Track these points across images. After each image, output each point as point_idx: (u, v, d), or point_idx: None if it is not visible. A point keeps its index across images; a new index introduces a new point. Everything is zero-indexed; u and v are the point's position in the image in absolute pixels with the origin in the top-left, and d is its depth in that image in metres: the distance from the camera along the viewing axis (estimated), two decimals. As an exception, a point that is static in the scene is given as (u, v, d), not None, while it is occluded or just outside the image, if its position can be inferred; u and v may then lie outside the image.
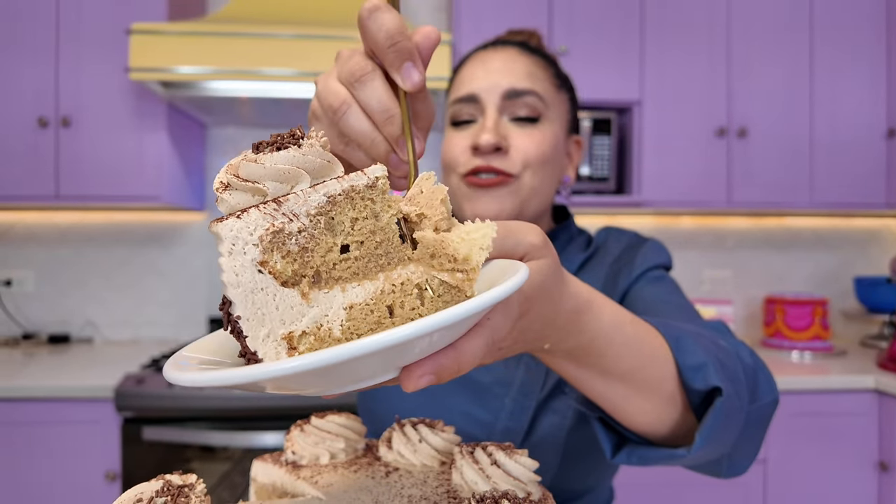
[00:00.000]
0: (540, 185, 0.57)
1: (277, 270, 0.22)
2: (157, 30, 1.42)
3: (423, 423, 0.39)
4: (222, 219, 0.22)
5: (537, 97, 0.56)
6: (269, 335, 0.22)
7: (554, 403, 0.53)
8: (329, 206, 0.24)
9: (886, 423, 1.43)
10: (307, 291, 0.23)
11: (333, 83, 0.32)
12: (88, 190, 1.59)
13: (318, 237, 0.23)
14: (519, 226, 0.28)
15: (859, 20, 1.75)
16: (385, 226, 0.25)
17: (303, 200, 0.23)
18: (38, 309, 1.90)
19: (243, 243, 0.22)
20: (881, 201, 1.76)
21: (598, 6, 1.69)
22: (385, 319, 0.25)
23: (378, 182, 0.25)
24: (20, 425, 1.31)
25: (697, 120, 1.72)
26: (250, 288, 0.22)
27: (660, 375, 0.36)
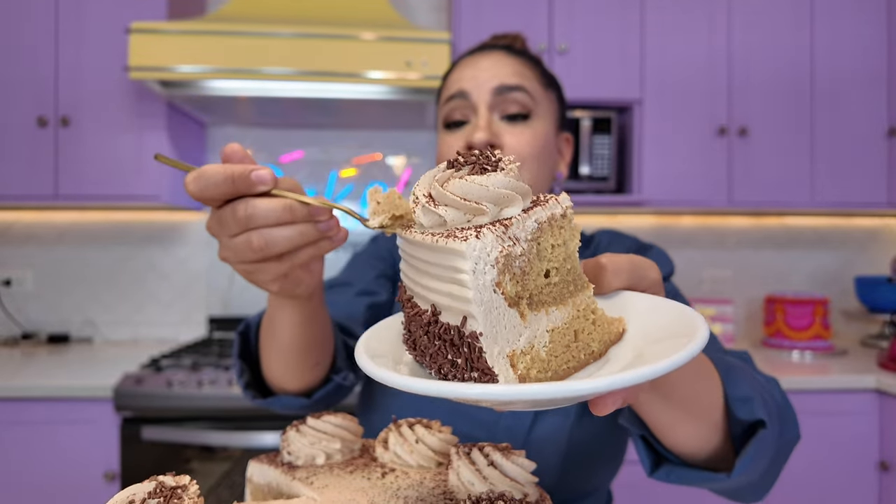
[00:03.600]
0: (533, 181, 0.58)
1: (507, 291, 0.24)
2: (157, 29, 1.42)
3: (420, 423, 0.39)
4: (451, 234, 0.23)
5: (526, 93, 0.58)
6: (500, 353, 0.23)
7: (549, 419, 0.53)
8: (539, 233, 0.25)
9: (887, 423, 1.43)
10: (525, 313, 0.24)
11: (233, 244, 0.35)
12: (88, 189, 1.59)
13: (532, 261, 0.25)
14: (643, 262, 0.31)
15: (860, 19, 1.74)
16: (572, 253, 0.27)
17: (522, 225, 0.24)
18: (38, 308, 1.90)
19: (484, 263, 0.23)
20: (882, 200, 1.76)
21: (598, 5, 1.68)
22: (572, 344, 0.26)
23: (567, 211, 0.26)
24: (19, 425, 1.31)
25: (698, 119, 1.71)
26: (489, 306, 0.23)
27: (711, 403, 0.37)
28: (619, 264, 0.31)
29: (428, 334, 0.24)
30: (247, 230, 0.34)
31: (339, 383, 0.53)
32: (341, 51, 1.44)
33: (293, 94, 1.52)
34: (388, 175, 1.97)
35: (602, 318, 0.28)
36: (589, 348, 0.27)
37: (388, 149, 1.97)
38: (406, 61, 1.45)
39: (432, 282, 0.24)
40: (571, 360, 0.27)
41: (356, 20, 1.55)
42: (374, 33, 1.45)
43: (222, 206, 0.34)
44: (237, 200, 0.34)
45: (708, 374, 0.37)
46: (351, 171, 1.97)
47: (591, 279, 0.30)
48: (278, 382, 0.52)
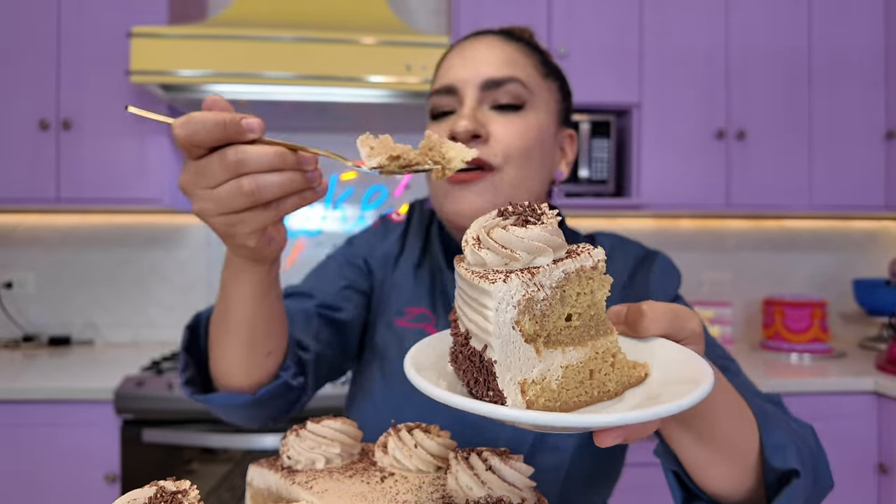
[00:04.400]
0: (524, 178, 0.53)
1: (525, 329, 0.27)
2: (158, 33, 1.42)
3: (419, 427, 0.39)
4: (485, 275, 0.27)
5: (520, 84, 0.53)
6: (511, 379, 0.27)
7: (552, 440, 0.51)
8: (564, 281, 0.29)
9: (886, 426, 1.43)
10: (541, 349, 0.28)
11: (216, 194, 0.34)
12: (89, 193, 1.60)
13: (553, 306, 0.28)
14: (684, 312, 0.32)
15: (858, 23, 1.75)
16: (598, 302, 0.30)
17: (548, 274, 0.28)
18: (39, 311, 1.90)
19: (506, 304, 0.27)
20: (880, 203, 1.76)
21: (597, 10, 1.69)
22: (586, 381, 0.30)
23: (599, 264, 0.29)
24: (20, 427, 1.32)
25: (696, 122, 1.72)
26: (506, 340, 0.27)
27: (747, 447, 0.38)
28: (659, 313, 0.32)
29: (462, 354, 0.29)
30: (237, 176, 0.33)
31: (287, 381, 0.50)
32: (341, 55, 1.45)
33: (293, 98, 1.52)
34: (388, 178, 1.98)
35: (622, 361, 0.31)
36: (605, 387, 0.30)
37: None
38: (406, 65, 1.46)
39: (468, 310, 0.28)
40: (584, 395, 0.30)
41: (356, 24, 1.56)
42: (374, 37, 1.45)
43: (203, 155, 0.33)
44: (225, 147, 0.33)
45: (745, 417, 0.38)
46: (351, 174, 1.97)
47: (630, 324, 0.32)
48: (225, 376, 0.48)
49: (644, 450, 1.31)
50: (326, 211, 1.97)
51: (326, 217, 1.97)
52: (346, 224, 1.98)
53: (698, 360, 0.30)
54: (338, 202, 1.97)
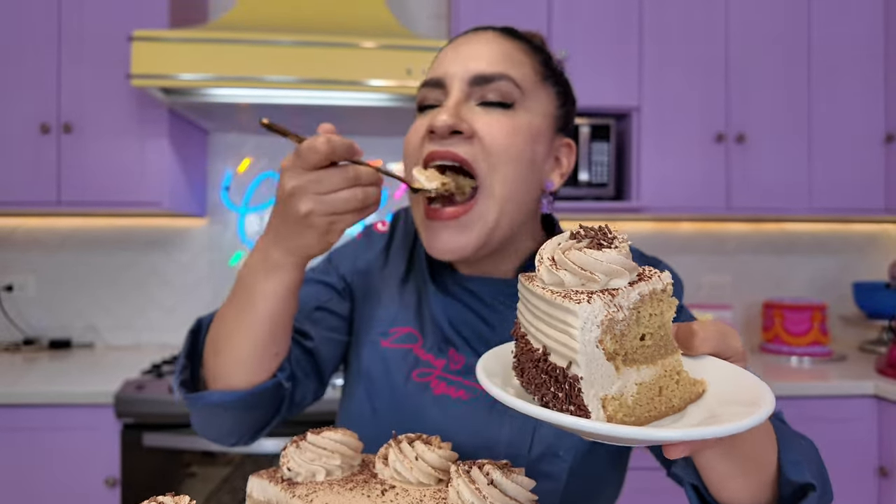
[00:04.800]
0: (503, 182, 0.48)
1: (607, 348, 0.29)
2: (159, 37, 1.42)
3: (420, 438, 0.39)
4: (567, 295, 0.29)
5: (511, 82, 0.49)
6: (595, 395, 0.29)
7: (544, 468, 0.50)
8: (640, 303, 0.30)
9: (886, 429, 1.43)
10: (620, 366, 0.30)
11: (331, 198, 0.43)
12: (90, 196, 1.60)
13: (631, 326, 0.30)
14: (729, 332, 0.35)
15: (857, 26, 1.75)
16: (666, 322, 0.32)
17: (626, 296, 0.29)
18: (40, 314, 1.90)
19: (591, 324, 0.28)
20: (880, 207, 1.76)
21: (597, 14, 1.69)
22: (656, 397, 0.32)
23: (667, 287, 0.31)
24: (20, 431, 1.32)
25: (696, 125, 1.72)
26: (591, 357, 0.29)
27: (767, 462, 0.39)
28: (709, 332, 0.34)
29: (537, 368, 0.31)
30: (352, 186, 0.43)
31: (281, 381, 0.51)
32: (342, 59, 1.45)
33: (294, 101, 1.53)
34: (389, 180, 1.98)
35: (685, 378, 0.33)
36: (670, 402, 0.32)
37: (388, 155, 1.98)
38: (406, 69, 1.46)
39: (546, 328, 0.30)
40: (653, 410, 0.32)
41: (357, 29, 1.56)
42: (375, 42, 1.46)
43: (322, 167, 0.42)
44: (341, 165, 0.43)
45: (768, 433, 0.39)
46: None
47: (682, 342, 0.34)
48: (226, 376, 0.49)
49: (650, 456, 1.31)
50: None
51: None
52: (346, 227, 1.97)
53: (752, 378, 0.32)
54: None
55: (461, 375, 0.52)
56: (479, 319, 0.53)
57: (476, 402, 0.51)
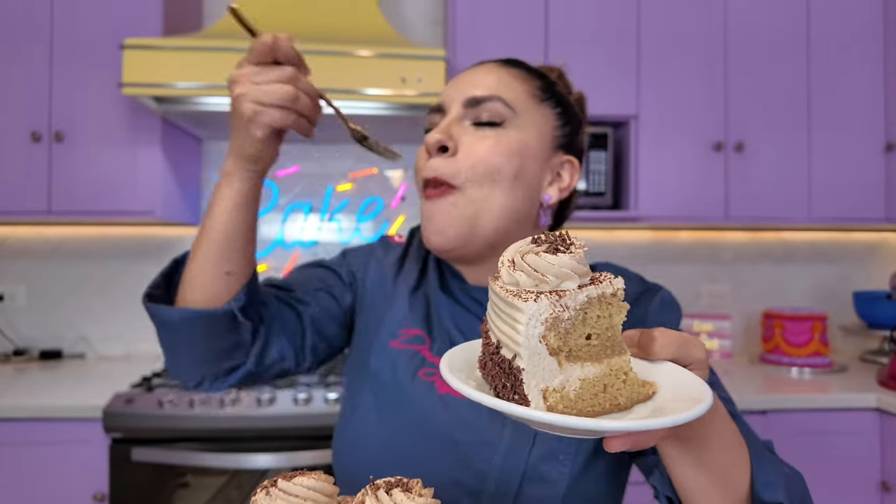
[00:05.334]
0: (491, 199, 0.52)
1: (550, 343, 0.32)
2: (151, 45, 1.41)
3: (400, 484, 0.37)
4: (519, 294, 0.31)
5: (502, 103, 0.53)
6: (535, 386, 0.32)
7: (544, 470, 0.50)
8: (587, 305, 0.32)
9: (889, 443, 1.41)
10: (563, 362, 0.32)
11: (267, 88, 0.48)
12: (81, 205, 1.58)
13: (576, 325, 0.32)
14: (692, 341, 0.36)
15: (856, 35, 1.74)
16: (615, 325, 0.34)
17: (573, 298, 0.32)
18: (30, 324, 1.88)
19: (536, 321, 0.31)
20: (880, 216, 1.75)
21: (595, 21, 1.68)
22: (600, 394, 0.34)
23: (618, 292, 0.33)
24: (7, 445, 1.29)
25: (694, 134, 1.71)
26: (533, 351, 0.31)
27: (738, 478, 0.40)
28: (669, 339, 0.36)
29: (492, 361, 0.34)
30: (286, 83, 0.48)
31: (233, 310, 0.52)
32: (338, 67, 1.44)
33: (288, 110, 1.51)
34: (385, 189, 1.96)
35: (633, 380, 0.35)
36: (616, 401, 0.34)
37: (383, 163, 1.97)
38: (401, 78, 1.45)
39: (501, 324, 0.32)
40: (597, 406, 0.33)
41: (352, 36, 1.54)
42: (370, 50, 1.44)
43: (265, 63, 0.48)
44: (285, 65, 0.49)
45: (740, 449, 0.40)
46: (347, 185, 1.96)
47: (643, 346, 0.36)
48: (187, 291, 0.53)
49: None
50: (322, 222, 1.95)
51: (322, 228, 1.95)
52: (341, 235, 1.96)
53: (700, 382, 0.34)
54: (333, 213, 1.96)
55: None
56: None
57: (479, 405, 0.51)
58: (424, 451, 0.52)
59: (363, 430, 0.56)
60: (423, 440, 0.52)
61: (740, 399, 1.39)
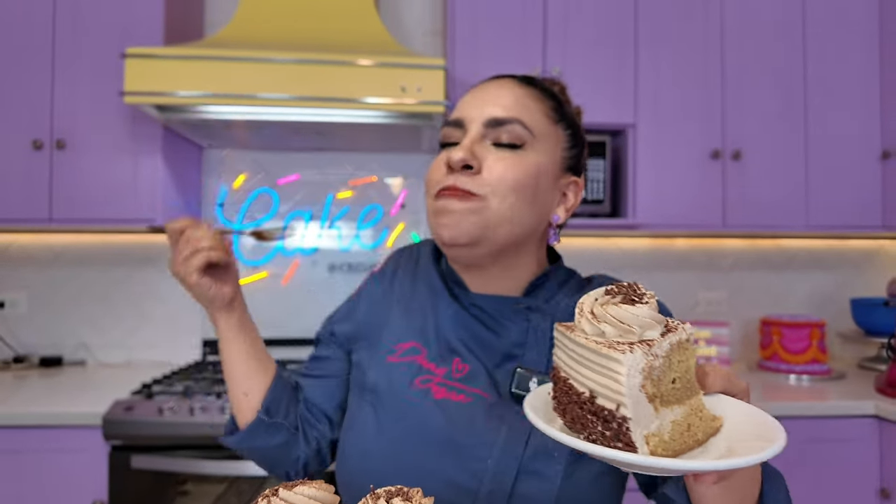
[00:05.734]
0: (510, 213, 0.54)
1: (648, 391, 0.34)
2: (153, 54, 1.42)
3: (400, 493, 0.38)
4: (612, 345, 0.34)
5: (522, 125, 0.55)
6: (640, 433, 0.33)
7: (538, 467, 0.51)
8: (671, 351, 0.35)
9: (887, 450, 1.41)
10: (658, 407, 0.35)
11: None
12: (83, 213, 1.59)
13: (665, 371, 0.35)
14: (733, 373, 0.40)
15: (852, 45, 1.76)
16: (691, 367, 0.37)
17: (661, 345, 0.35)
18: (31, 331, 1.88)
19: (635, 371, 0.33)
20: (877, 223, 1.76)
21: (593, 31, 1.70)
22: (685, 433, 0.36)
23: (690, 337, 0.37)
24: (7, 452, 1.30)
25: (692, 142, 1.72)
26: (636, 400, 0.33)
27: (752, 494, 0.44)
28: (719, 373, 0.40)
29: (582, 409, 0.35)
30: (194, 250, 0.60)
31: (261, 418, 0.63)
32: (338, 76, 1.45)
33: (289, 118, 1.52)
34: (384, 196, 1.98)
35: (706, 415, 0.38)
36: (696, 437, 0.37)
37: (383, 171, 1.98)
38: (401, 87, 1.46)
39: (592, 374, 0.34)
40: (684, 444, 0.36)
41: (352, 46, 1.56)
42: (370, 59, 1.46)
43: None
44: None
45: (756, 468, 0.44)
46: (347, 192, 1.97)
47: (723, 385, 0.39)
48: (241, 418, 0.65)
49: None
50: (322, 229, 1.96)
51: (322, 235, 1.96)
52: (341, 242, 1.97)
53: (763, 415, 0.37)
54: (333, 221, 1.97)
55: (464, 382, 0.56)
56: (485, 329, 0.58)
57: (475, 405, 0.54)
58: (423, 456, 0.53)
59: (363, 439, 0.57)
60: (422, 445, 0.54)
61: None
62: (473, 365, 0.56)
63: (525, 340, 0.56)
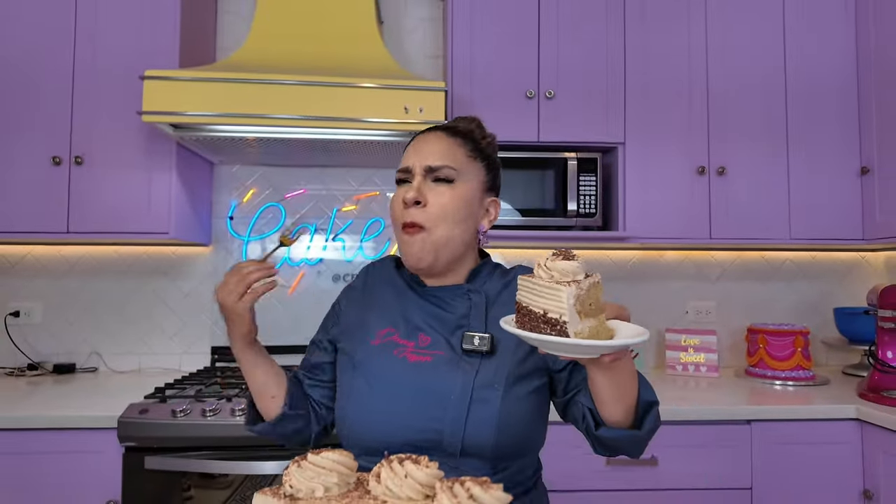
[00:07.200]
0: (450, 234, 0.77)
1: (577, 308, 0.55)
2: (169, 76, 1.50)
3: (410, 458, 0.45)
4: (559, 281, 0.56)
5: (450, 168, 0.77)
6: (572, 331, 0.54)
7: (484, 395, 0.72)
8: (589, 287, 0.57)
9: (869, 452, 1.46)
10: (582, 318, 0.56)
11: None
12: (99, 227, 1.65)
13: (586, 298, 0.57)
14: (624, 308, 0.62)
15: (831, 67, 1.85)
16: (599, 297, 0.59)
17: (584, 284, 0.56)
18: (45, 340, 1.94)
19: (571, 296, 0.54)
20: (858, 236, 1.83)
21: (584, 55, 1.80)
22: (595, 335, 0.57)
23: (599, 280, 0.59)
24: (23, 455, 1.34)
25: (678, 159, 1.81)
26: (571, 312, 0.54)
27: (633, 392, 0.66)
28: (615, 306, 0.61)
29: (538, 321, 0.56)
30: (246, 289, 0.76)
31: (286, 412, 0.81)
32: (343, 97, 1.53)
33: (297, 136, 1.60)
34: (386, 210, 2.06)
35: (606, 327, 0.59)
36: (600, 338, 0.57)
37: (386, 186, 2.06)
38: (403, 107, 1.54)
39: (545, 300, 0.56)
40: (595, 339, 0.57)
41: (357, 69, 1.65)
42: (374, 82, 1.54)
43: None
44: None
45: (633, 375, 0.66)
46: (351, 206, 2.05)
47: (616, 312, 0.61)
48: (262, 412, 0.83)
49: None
50: (327, 241, 2.04)
51: (327, 247, 2.04)
52: (345, 254, 2.04)
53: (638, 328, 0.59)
54: (338, 233, 2.05)
55: (428, 348, 0.76)
56: (440, 309, 0.79)
57: (438, 361, 0.75)
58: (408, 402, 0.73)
59: (362, 400, 0.75)
60: (406, 395, 0.73)
61: (726, 410, 1.46)
62: (433, 336, 0.77)
63: (469, 313, 0.77)
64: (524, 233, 1.76)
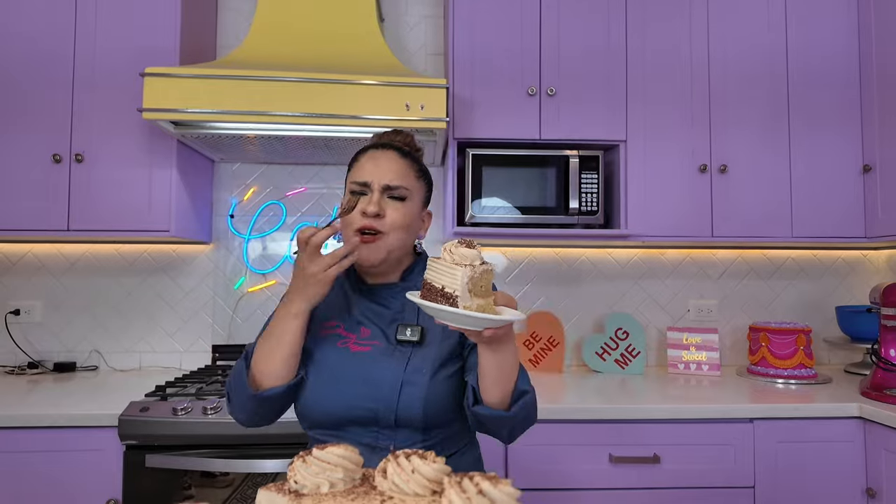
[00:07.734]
0: (399, 242, 0.91)
1: (469, 287, 0.68)
2: (170, 73, 1.50)
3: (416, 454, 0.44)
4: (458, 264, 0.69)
5: (405, 189, 0.91)
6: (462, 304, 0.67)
7: (413, 378, 0.85)
8: (482, 272, 0.70)
9: (872, 450, 1.46)
10: (472, 297, 0.69)
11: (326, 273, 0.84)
12: (100, 224, 1.65)
13: (478, 280, 0.69)
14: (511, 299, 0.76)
15: (834, 62, 1.85)
16: (489, 280, 0.72)
17: (478, 268, 0.70)
18: (45, 338, 1.94)
19: (465, 276, 0.68)
20: (860, 234, 1.82)
21: (585, 52, 1.79)
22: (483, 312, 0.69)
23: (492, 267, 0.72)
24: (24, 453, 1.34)
25: (680, 157, 1.80)
26: (463, 290, 0.68)
27: (512, 378, 0.79)
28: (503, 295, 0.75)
29: (437, 294, 0.69)
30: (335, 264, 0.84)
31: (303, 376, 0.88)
32: (344, 94, 1.53)
33: (297, 133, 1.60)
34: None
35: (493, 308, 0.73)
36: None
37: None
38: (404, 104, 1.54)
39: (445, 277, 0.69)
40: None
41: (358, 66, 1.64)
42: (375, 79, 1.54)
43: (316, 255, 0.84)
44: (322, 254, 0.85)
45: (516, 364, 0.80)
46: (351, 204, 2.04)
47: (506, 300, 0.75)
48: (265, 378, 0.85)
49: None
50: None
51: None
52: (345, 252, 2.03)
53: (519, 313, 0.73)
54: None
55: (368, 339, 0.89)
56: (378, 305, 0.92)
57: (375, 351, 0.88)
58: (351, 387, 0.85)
59: (311, 393, 0.86)
60: (349, 381, 0.85)
61: (728, 408, 1.45)
62: (373, 329, 0.90)
63: (403, 308, 0.91)
64: (525, 231, 1.76)
